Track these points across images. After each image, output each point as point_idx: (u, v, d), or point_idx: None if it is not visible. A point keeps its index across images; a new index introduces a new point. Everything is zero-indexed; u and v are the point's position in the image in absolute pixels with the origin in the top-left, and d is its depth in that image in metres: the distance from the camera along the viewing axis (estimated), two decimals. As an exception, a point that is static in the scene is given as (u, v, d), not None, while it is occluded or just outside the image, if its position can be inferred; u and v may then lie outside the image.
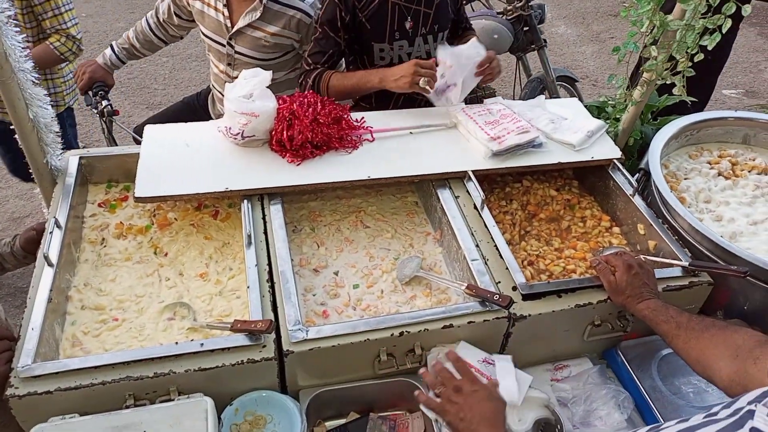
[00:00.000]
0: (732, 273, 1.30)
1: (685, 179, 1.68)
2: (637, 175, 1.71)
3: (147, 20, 2.19)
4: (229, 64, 2.07)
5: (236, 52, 2.03)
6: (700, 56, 1.55)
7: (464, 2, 2.00)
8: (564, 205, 1.68)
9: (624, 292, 1.26)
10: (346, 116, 1.64)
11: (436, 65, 1.68)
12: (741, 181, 1.70)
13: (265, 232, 1.39)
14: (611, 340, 1.41)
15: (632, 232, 1.57)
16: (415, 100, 1.92)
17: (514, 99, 2.72)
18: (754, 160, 1.77)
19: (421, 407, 1.10)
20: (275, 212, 1.43)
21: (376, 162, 1.58)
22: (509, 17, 3.39)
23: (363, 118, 1.70)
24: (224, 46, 2.03)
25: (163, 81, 4.49)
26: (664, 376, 1.35)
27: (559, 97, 3.61)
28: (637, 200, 1.56)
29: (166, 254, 1.43)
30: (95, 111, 2.06)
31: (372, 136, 1.65)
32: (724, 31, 1.47)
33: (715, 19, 1.47)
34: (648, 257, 1.39)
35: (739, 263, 1.34)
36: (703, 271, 1.37)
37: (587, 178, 1.76)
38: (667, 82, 1.64)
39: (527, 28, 3.42)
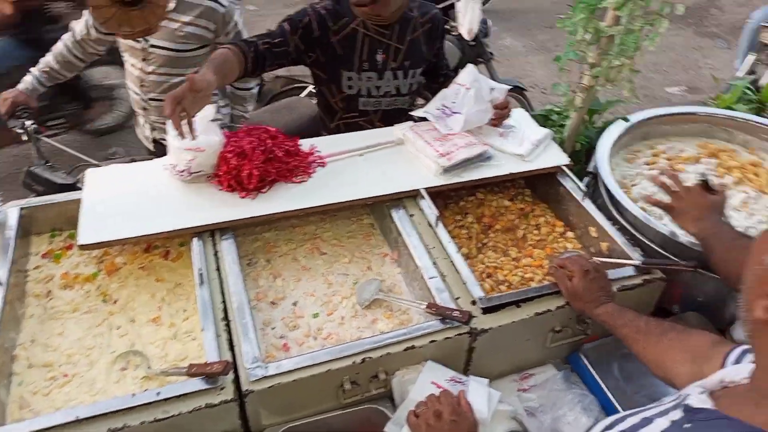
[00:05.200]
0: (682, 267, 1.32)
1: (632, 185, 1.71)
2: (586, 178, 1.74)
3: (64, 42, 2.21)
4: (144, 60, 2.11)
5: (151, 45, 2.06)
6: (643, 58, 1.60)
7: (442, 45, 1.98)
8: (518, 215, 1.70)
9: (582, 297, 1.27)
10: (297, 148, 1.63)
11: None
12: (682, 176, 1.74)
13: (219, 269, 1.36)
14: (574, 344, 1.41)
15: (585, 236, 1.59)
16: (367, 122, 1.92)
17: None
18: (682, 151, 1.81)
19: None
20: (227, 247, 1.40)
21: (328, 188, 1.56)
22: (455, 33, 3.46)
23: (313, 146, 1.69)
24: (138, 41, 2.05)
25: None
26: (628, 374, 1.36)
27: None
28: (587, 204, 1.58)
29: (115, 301, 1.38)
30: (22, 132, 2.12)
31: (323, 162, 1.64)
32: (661, 30, 1.52)
33: (652, 20, 1.52)
34: (601, 259, 1.41)
35: (693, 254, 1.37)
36: (655, 268, 1.39)
37: (539, 186, 1.79)
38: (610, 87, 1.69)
39: (473, 42, 3.48)
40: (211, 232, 1.45)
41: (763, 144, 1.84)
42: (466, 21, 3.18)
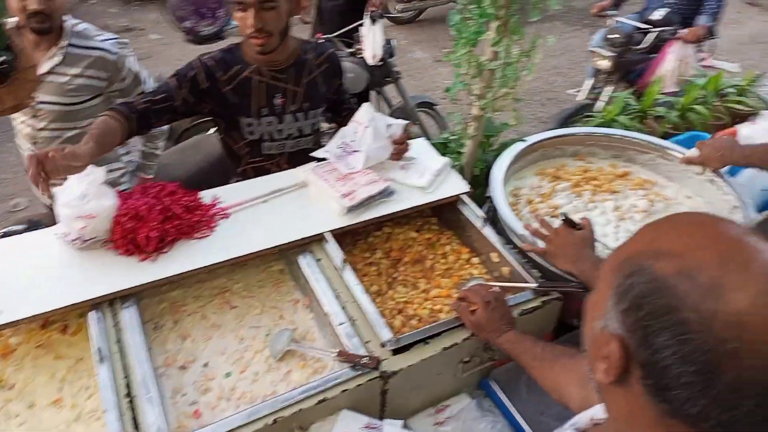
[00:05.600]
0: (573, 289, 1.40)
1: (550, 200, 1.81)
2: (488, 202, 1.81)
3: None
4: (34, 116, 2.03)
5: (39, 102, 1.99)
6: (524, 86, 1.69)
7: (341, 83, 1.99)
8: (425, 245, 1.75)
9: (485, 328, 1.32)
10: (198, 202, 1.60)
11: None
12: (585, 194, 1.86)
13: (121, 341, 1.32)
14: (485, 369, 1.47)
15: (489, 261, 1.65)
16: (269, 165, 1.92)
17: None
18: (586, 171, 1.94)
19: None
20: (129, 316, 1.36)
21: (233, 240, 1.55)
22: (360, 56, 3.50)
23: (216, 197, 1.67)
24: None
25: (12, 170, 4.16)
26: (536, 395, 1.42)
27: (421, 123, 3.78)
28: (487, 230, 1.65)
29: (12, 386, 1.31)
30: None
31: (226, 214, 1.63)
32: (536, 61, 1.61)
33: (528, 52, 1.61)
34: (501, 284, 1.48)
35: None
36: (551, 290, 1.47)
37: (444, 214, 1.84)
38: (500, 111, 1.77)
39: (381, 63, 3.53)
40: (111, 301, 1.40)
41: (636, 156, 2.00)
42: (370, 46, 3.22)
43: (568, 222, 1.45)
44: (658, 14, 3.58)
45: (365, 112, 1.73)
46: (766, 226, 1.10)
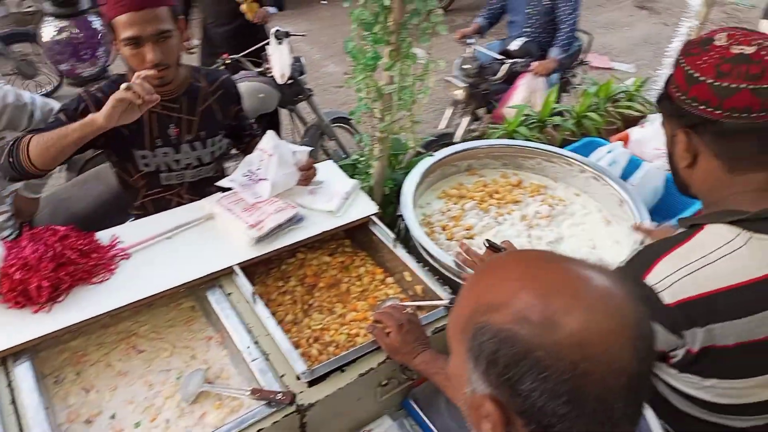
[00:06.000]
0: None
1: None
2: (400, 221, 1.83)
3: None
4: None
5: None
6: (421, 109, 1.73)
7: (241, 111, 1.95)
8: (340, 268, 1.74)
9: (400, 350, 1.33)
10: (94, 244, 1.52)
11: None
12: (491, 209, 1.92)
13: (15, 402, 1.23)
14: (405, 389, 1.48)
15: (403, 280, 1.67)
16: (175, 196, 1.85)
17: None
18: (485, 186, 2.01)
19: None
20: (23, 374, 1.27)
21: (136, 280, 1.48)
22: (270, 75, 3.46)
23: (115, 237, 1.59)
24: None
25: None
26: (455, 411, 1.45)
27: (337, 138, 3.78)
28: (398, 250, 1.67)
29: None
30: None
31: (126, 255, 1.55)
32: (430, 84, 1.65)
33: (421, 76, 1.65)
34: (415, 303, 1.50)
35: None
36: (462, 306, 1.50)
37: (357, 235, 1.85)
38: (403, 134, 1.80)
39: (291, 81, 3.51)
40: (2, 359, 1.31)
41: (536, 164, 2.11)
42: (278, 65, 3.20)
43: (493, 247, 1.46)
44: (515, 44, 3.55)
45: (269, 139, 1.71)
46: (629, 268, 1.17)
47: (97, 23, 2.85)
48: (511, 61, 3.34)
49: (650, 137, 2.36)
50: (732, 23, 7.11)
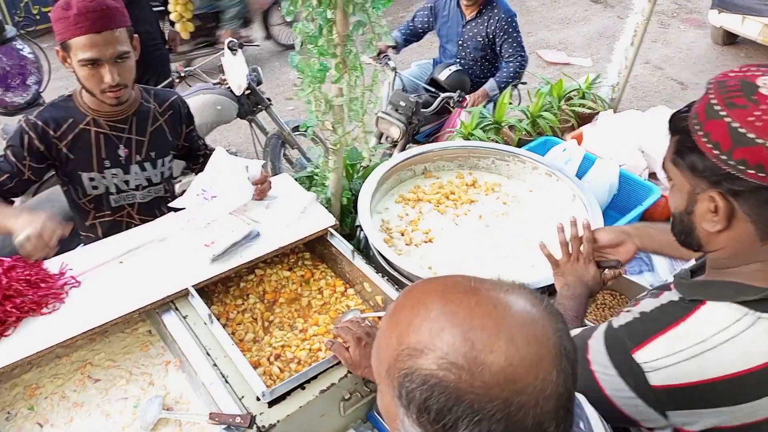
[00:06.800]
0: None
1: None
2: (359, 231, 1.83)
3: None
4: None
5: None
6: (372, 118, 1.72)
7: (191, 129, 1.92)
8: (300, 282, 1.73)
9: (360, 365, 1.33)
10: (42, 273, 1.48)
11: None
12: (449, 210, 1.93)
13: (-38, 444, 1.19)
14: (369, 402, 1.47)
15: (364, 291, 1.67)
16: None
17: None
18: (441, 187, 2.03)
19: None
20: (-30, 414, 1.23)
21: (89, 307, 1.45)
22: (227, 86, 3.42)
23: (65, 264, 1.55)
24: None
25: None
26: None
27: (299, 147, 3.76)
28: (357, 260, 1.66)
29: None
30: None
31: (76, 282, 1.52)
32: (380, 95, 1.65)
33: (370, 86, 1.65)
34: (374, 314, 1.49)
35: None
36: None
37: (317, 248, 1.83)
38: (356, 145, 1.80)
39: (249, 91, 3.47)
40: (-53, 400, 1.26)
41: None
42: (234, 77, 3.17)
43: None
44: (445, 74, 3.32)
45: (219, 156, 1.69)
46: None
47: (25, 50, 2.76)
48: (445, 95, 3.11)
49: (603, 134, 2.40)
50: (683, 14, 7.30)
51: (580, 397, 0.88)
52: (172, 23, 3.50)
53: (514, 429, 0.57)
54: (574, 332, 1.10)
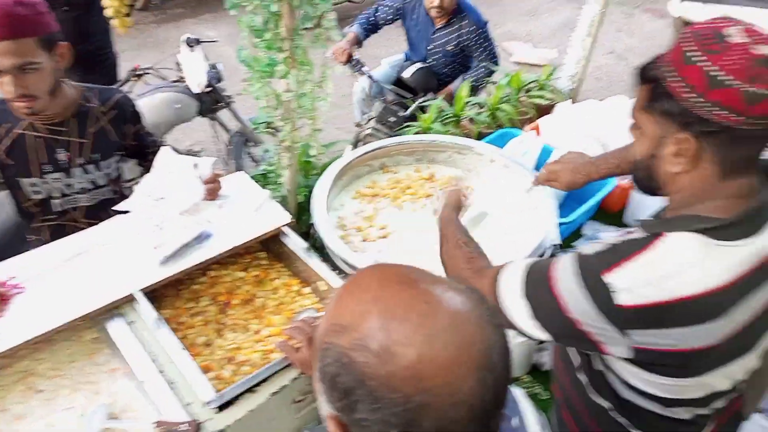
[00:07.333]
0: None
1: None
2: (314, 228, 1.80)
3: None
4: None
5: None
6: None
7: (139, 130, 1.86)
8: (254, 283, 1.70)
9: (312, 365, 1.30)
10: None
11: None
12: (406, 205, 1.92)
13: None
14: (324, 402, 1.45)
15: (319, 290, 1.64)
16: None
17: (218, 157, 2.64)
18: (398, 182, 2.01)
19: None
20: None
21: (31, 315, 1.40)
22: (185, 84, 3.34)
23: (8, 270, 1.50)
24: None
25: None
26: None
27: (263, 143, 3.70)
28: (311, 258, 1.63)
29: None
30: None
31: (21, 289, 1.46)
32: (329, 91, 1.62)
33: (319, 82, 1.62)
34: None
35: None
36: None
37: (273, 247, 1.80)
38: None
39: (209, 89, 3.40)
40: None
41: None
42: (192, 74, 3.10)
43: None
44: (409, 71, 3.21)
45: (165, 155, 1.64)
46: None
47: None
48: (420, 100, 2.94)
49: (560, 125, 2.41)
50: (647, 3, 7.39)
51: (518, 391, 0.87)
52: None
53: (413, 426, 0.57)
54: (524, 262, 1.12)
